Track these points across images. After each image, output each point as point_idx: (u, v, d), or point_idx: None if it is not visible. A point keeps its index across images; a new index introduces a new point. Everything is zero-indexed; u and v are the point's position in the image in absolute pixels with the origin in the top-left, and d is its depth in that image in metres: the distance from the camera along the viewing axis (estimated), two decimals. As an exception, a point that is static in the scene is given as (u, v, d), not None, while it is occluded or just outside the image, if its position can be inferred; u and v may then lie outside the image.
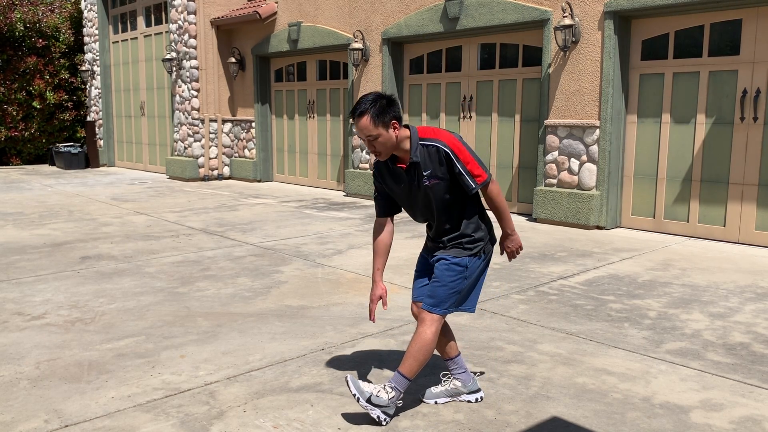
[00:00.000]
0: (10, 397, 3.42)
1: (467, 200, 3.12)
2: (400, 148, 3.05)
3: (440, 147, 3.00)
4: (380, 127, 2.96)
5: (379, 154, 3.03)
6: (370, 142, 2.99)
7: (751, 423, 3.12)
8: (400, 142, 3.03)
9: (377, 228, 3.25)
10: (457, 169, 2.99)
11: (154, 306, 4.99)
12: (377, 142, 2.98)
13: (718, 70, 7.29)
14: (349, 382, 3.04)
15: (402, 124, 3.03)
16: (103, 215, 9.27)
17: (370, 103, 2.96)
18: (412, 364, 3.07)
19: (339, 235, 7.71)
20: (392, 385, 3.08)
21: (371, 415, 3.05)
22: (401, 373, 3.08)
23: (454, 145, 3.01)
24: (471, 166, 3.01)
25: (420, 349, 3.06)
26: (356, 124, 2.98)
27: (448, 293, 3.09)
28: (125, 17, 15.98)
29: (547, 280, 5.68)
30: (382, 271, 3.24)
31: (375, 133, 2.96)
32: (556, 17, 8.27)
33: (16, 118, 16.49)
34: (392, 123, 2.98)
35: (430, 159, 3.02)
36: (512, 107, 9.24)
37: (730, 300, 5.09)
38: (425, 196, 3.09)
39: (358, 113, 2.97)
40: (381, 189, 3.23)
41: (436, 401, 3.31)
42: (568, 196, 8.21)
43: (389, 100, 3.00)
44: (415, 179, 3.07)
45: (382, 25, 10.49)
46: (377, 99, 2.98)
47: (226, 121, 13.91)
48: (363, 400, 3.03)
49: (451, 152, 2.99)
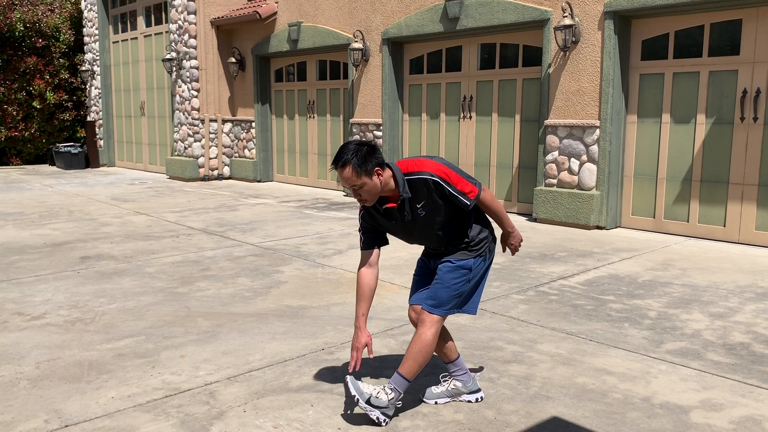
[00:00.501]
0: (10, 397, 3.42)
1: (465, 214, 3.14)
2: (387, 190, 3.03)
3: (428, 178, 2.98)
4: (363, 176, 2.92)
5: (365, 201, 3.01)
6: (356, 191, 2.97)
7: (751, 423, 3.12)
8: (386, 185, 3.01)
9: (362, 269, 3.16)
10: (449, 192, 3.00)
11: (154, 306, 4.99)
12: (363, 191, 2.96)
13: (718, 70, 7.29)
14: (348, 383, 3.04)
15: (384, 167, 2.99)
16: (103, 215, 9.27)
17: (352, 153, 2.92)
18: (411, 366, 3.07)
19: (339, 235, 7.71)
20: (392, 386, 3.08)
21: (371, 416, 3.05)
22: (401, 374, 3.08)
23: (441, 171, 2.99)
24: (461, 186, 3.01)
25: (420, 350, 3.06)
26: (340, 175, 2.96)
27: (450, 295, 3.10)
28: (125, 17, 15.98)
29: (547, 280, 5.68)
30: (366, 317, 3.13)
31: (359, 183, 2.93)
32: (556, 17, 8.27)
33: (16, 118, 16.49)
34: (375, 170, 2.95)
35: (420, 191, 3.01)
36: (512, 107, 9.24)
37: (730, 300, 5.09)
38: (423, 224, 3.10)
39: (340, 164, 2.93)
40: (368, 227, 3.18)
41: (436, 401, 3.31)
42: (568, 196, 8.21)
43: (370, 147, 2.97)
44: (409, 213, 3.06)
45: (382, 25, 10.49)
46: (358, 148, 2.94)
47: (226, 121, 13.91)
48: (363, 401, 3.03)
49: (440, 180, 2.98)
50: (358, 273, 3.17)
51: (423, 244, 3.26)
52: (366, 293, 3.13)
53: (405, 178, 3.02)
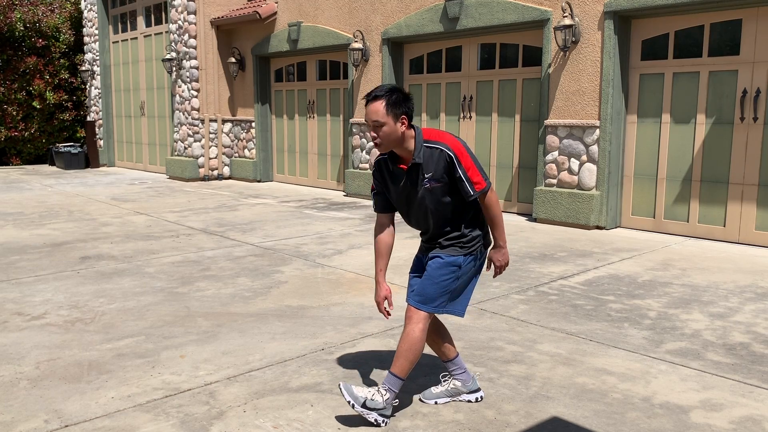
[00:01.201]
0: (10, 397, 3.42)
1: (464, 205, 3.09)
2: (403, 147, 3.03)
3: (444, 150, 2.98)
4: (389, 117, 2.95)
5: (379, 145, 3.02)
6: (375, 129, 2.98)
7: (751, 423, 3.12)
8: (404, 141, 3.02)
9: (378, 228, 3.23)
10: (458, 173, 2.97)
11: (154, 306, 4.99)
12: (382, 131, 2.97)
13: (718, 70, 7.29)
14: (342, 390, 3.04)
15: (410, 120, 3.02)
16: (103, 215, 9.27)
17: (387, 92, 2.97)
18: (403, 364, 3.06)
19: (339, 235, 7.71)
20: (386, 387, 3.07)
21: (368, 420, 3.05)
22: (393, 373, 3.07)
23: (458, 149, 2.99)
24: (471, 173, 2.98)
25: (410, 348, 3.05)
26: (367, 108, 2.98)
27: (438, 292, 3.06)
28: (125, 17, 15.98)
29: (547, 280, 5.68)
30: (384, 272, 3.22)
31: (383, 121, 2.95)
32: (556, 17, 8.27)
33: (16, 118, 16.49)
34: (402, 118, 2.97)
35: (432, 161, 3.00)
36: (512, 107, 9.24)
37: (730, 300, 5.09)
38: (422, 199, 3.07)
39: (372, 97, 2.98)
40: (379, 187, 3.21)
41: (436, 401, 3.31)
42: (568, 196, 8.21)
43: (405, 95, 3.01)
44: (415, 181, 3.05)
45: (382, 25, 10.49)
46: (394, 90, 2.99)
47: (226, 121, 13.91)
48: (358, 405, 3.02)
49: (455, 156, 2.97)
50: (375, 233, 3.24)
51: (417, 223, 3.19)
52: (383, 250, 3.21)
53: (424, 145, 3.01)
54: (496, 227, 3.10)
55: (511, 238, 7.48)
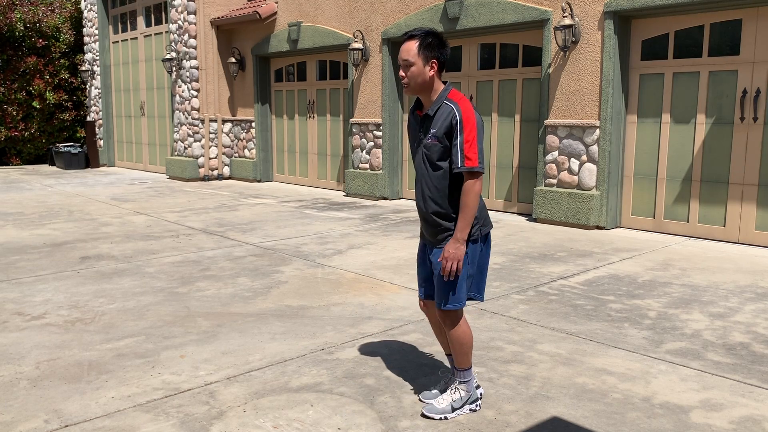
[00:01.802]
0: (10, 397, 3.42)
1: (453, 180, 3.02)
2: (427, 94, 3.06)
3: (454, 110, 2.96)
4: (420, 58, 2.98)
5: (407, 85, 3.04)
6: (404, 68, 3.01)
7: (751, 423, 3.12)
8: (431, 88, 3.04)
9: None
10: (455, 138, 2.94)
11: (154, 306, 4.99)
12: (410, 71, 3.00)
13: (718, 70, 7.29)
14: (428, 414, 3.14)
15: (442, 69, 3.04)
16: (103, 215, 9.27)
17: (423, 34, 3.01)
18: (462, 359, 3.17)
19: (339, 235, 7.71)
20: (456, 384, 3.19)
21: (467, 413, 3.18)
22: (458, 368, 3.19)
23: (468, 117, 2.95)
24: (468, 146, 2.92)
25: (461, 345, 3.14)
26: (402, 46, 3.02)
27: (456, 286, 3.04)
28: (125, 17, 15.98)
29: (547, 280, 5.68)
30: None
31: (413, 61, 2.98)
32: (556, 17, 8.27)
33: (16, 118, 16.49)
34: (432, 62, 3.00)
35: (441, 118, 3.00)
36: (512, 107, 9.24)
37: (730, 300, 5.09)
38: (421, 157, 3.08)
39: (408, 36, 3.01)
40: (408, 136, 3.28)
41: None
42: (568, 196, 8.21)
43: (441, 41, 3.03)
44: (422, 132, 3.08)
45: (382, 25, 10.49)
46: (431, 34, 3.01)
47: (226, 121, 13.91)
48: (450, 414, 3.14)
49: (460, 121, 2.94)
50: None
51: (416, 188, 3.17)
52: None
53: (444, 101, 3.02)
54: (463, 216, 2.94)
55: (511, 238, 7.49)
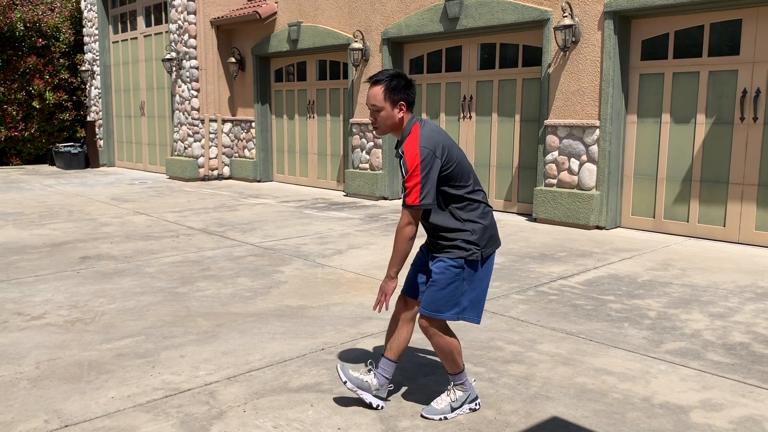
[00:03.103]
0: (10, 397, 3.42)
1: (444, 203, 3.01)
2: (398, 133, 3.10)
3: (401, 151, 2.97)
4: (387, 102, 3.01)
5: (377, 128, 3.09)
6: (373, 113, 3.05)
7: (751, 423, 3.12)
8: (401, 127, 3.07)
9: None
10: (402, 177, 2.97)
11: (154, 306, 4.99)
12: (379, 115, 3.04)
13: (718, 70, 7.29)
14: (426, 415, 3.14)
15: (411, 109, 3.06)
16: (103, 215, 9.27)
17: (388, 78, 3.02)
18: (450, 365, 3.17)
19: (339, 235, 7.71)
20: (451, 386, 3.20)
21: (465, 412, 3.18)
22: (451, 373, 3.20)
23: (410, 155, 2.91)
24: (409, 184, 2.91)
25: (445, 354, 3.13)
26: (368, 92, 3.04)
27: (446, 297, 3.01)
28: (125, 17, 15.98)
29: (547, 280, 5.68)
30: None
31: (380, 106, 3.02)
32: (556, 17, 8.27)
33: (16, 118, 16.48)
34: (400, 104, 3.02)
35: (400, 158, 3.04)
36: (512, 107, 9.24)
37: (730, 300, 5.09)
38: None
39: (373, 81, 3.04)
40: None
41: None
42: (568, 196, 8.21)
43: (407, 82, 3.04)
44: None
45: (382, 25, 10.49)
46: (396, 76, 3.02)
47: (226, 121, 13.91)
48: (450, 415, 3.14)
49: (403, 161, 2.94)
50: None
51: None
52: None
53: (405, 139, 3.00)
54: (393, 254, 3.03)
55: (511, 238, 7.48)
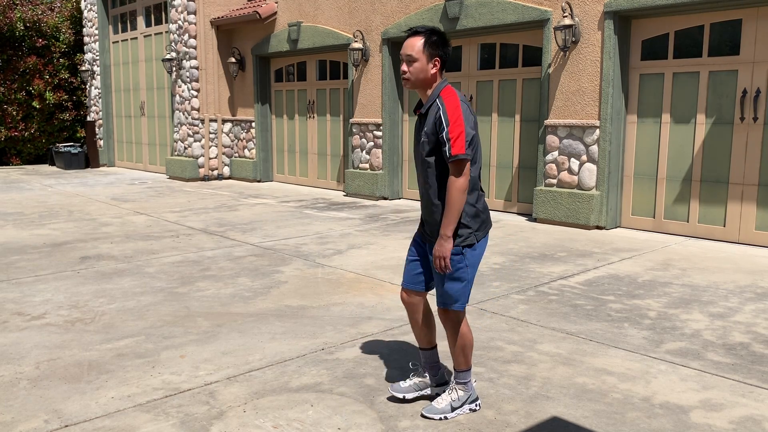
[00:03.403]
0: (10, 397, 3.42)
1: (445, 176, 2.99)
2: (425, 92, 3.07)
3: (439, 104, 2.96)
4: (424, 55, 2.99)
5: (407, 80, 3.04)
6: (407, 63, 3.01)
7: (751, 423, 3.12)
8: (431, 85, 3.05)
9: None
10: (442, 132, 2.90)
11: (154, 306, 4.99)
12: (412, 66, 3.01)
13: (718, 70, 7.29)
14: (427, 414, 3.13)
15: (443, 70, 3.05)
16: (103, 215, 9.27)
17: (428, 31, 3.01)
18: (462, 360, 3.17)
19: (339, 235, 7.71)
20: (455, 385, 3.19)
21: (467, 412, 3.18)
22: (459, 370, 3.19)
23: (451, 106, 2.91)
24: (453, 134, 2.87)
25: (462, 347, 3.14)
26: (405, 42, 3.02)
27: (459, 285, 3.04)
28: (125, 17, 15.98)
29: (547, 280, 5.68)
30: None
31: (416, 56, 2.99)
32: (556, 17, 8.27)
33: (16, 118, 16.48)
34: (435, 59, 3.01)
35: (432, 114, 3.00)
36: (512, 107, 9.24)
37: (730, 300, 5.09)
38: (419, 154, 3.08)
39: (413, 32, 3.02)
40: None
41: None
42: (568, 196, 8.21)
43: (445, 41, 3.04)
44: (419, 130, 3.08)
45: (382, 25, 10.49)
46: (436, 32, 3.02)
47: (226, 121, 13.91)
48: (450, 414, 3.14)
49: (444, 112, 2.90)
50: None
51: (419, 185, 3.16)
52: None
53: (436, 98, 3.01)
54: (446, 213, 2.91)
55: (511, 238, 7.48)
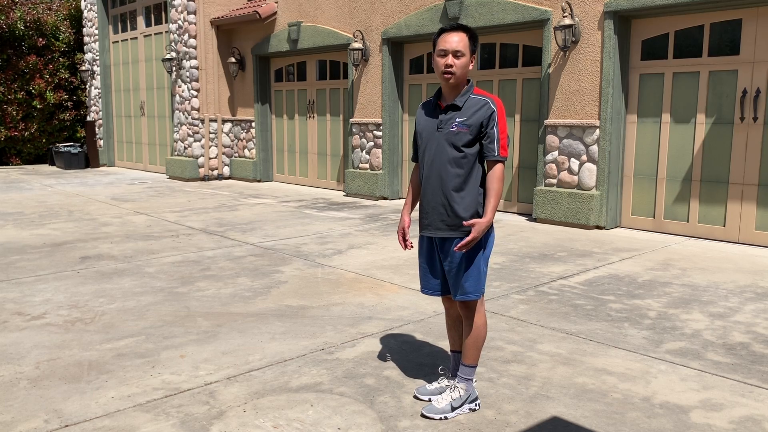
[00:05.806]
0: (10, 397, 3.42)
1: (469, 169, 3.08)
2: (458, 86, 3.10)
3: (490, 104, 3.05)
4: (468, 50, 3.04)
5: (451, 75, 3.04)
6: (454, 57, 3.02)
7: (751, 423, 3.12)
8: (465, 80, 3.10)
9: (413, 176, 3.37)
10: (491, 129, 3.03)
11: (154, 306, 4.99)
12: (459, 62, 3.03)
13: (718, 70, 7.29)
14: (427, 414, 3.12)
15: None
16: (103, 215, 9.27)
17: (467, 28, 3.08)
18: (474, 354, 3.18)
19: (339, 235, 7.71)
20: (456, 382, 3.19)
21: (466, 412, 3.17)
22: (466, 364, 3.19)
23: (501, 111, 3.08)
24: (503, 136, 3.06)
25: (476, 338, 3.16)
26: (448, 36, 3.04)
27: (476, 274, 3.10)
28: (125, 17, 15.98)
29: (547, 280, 5.68)
30: (410, 207, 3.37)
31: (462, 51, 3.03)
32: (556, 17, 8.27)
33: (16, 118, 16.48)
34: (473, 56, 3.08)
35: (472, 109, 3.05)
36: (512, 107, 9.24)
37: (730, 300, 5.09)
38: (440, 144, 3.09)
39: (456, 27, 3.06)
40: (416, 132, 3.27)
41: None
42: (568, 196, 8.21)
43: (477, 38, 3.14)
44: (444, 121, 3.09)
45: (382, 25, 10.49)
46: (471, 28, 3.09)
47: (226, 121, 13.90)
48: (451, 414, 3.13)
49: (496, 114, 3.04)
50: (410, 179, 3.40)
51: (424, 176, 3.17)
52: (414, 189, 3.37)
53: (471, 95, 3.08)
54: (491, 197, 3.06)
55: (512, 238, 7.48)
